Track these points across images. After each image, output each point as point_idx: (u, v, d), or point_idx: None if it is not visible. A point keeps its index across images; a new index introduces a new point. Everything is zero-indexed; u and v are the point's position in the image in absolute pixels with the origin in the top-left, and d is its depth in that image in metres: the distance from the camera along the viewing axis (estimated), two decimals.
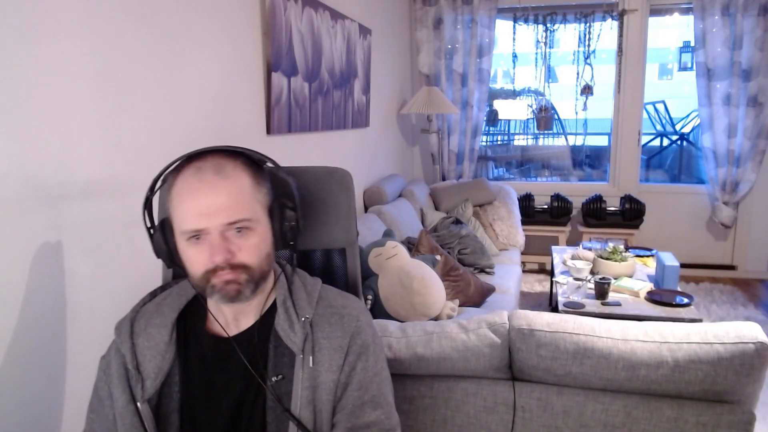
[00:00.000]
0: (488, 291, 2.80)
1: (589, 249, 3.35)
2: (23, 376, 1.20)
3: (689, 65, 10.18)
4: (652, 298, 2.68)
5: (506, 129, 6.14)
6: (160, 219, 1.00)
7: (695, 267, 4.54)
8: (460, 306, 2.58)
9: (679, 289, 2.81)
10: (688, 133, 6.10)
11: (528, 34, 4.53)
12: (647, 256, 3.45)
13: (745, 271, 4.51)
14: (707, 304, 3.91)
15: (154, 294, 1.09)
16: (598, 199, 4.42)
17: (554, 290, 3.68)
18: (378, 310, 2.25)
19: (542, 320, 1.43)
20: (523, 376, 1.46)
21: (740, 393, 1.31)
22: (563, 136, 5.83)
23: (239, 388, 0.99)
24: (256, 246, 0.96)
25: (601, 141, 5.62)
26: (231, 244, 0.93)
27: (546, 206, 4.50)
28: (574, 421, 1.40)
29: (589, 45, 4.43)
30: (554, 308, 3.43)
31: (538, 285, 4.33)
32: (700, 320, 2.45)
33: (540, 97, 5.05)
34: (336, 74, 2.96)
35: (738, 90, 4.12)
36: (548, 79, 4.74)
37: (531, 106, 5.13)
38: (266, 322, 1.02)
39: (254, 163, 1.01)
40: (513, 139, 6.14)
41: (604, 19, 4.37)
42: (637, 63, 4.45)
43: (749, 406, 1.33)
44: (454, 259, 2.82)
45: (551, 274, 3.69)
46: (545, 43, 4.53)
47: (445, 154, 4.73)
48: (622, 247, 3.14)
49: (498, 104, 5.71)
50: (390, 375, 1.08)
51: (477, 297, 2.72)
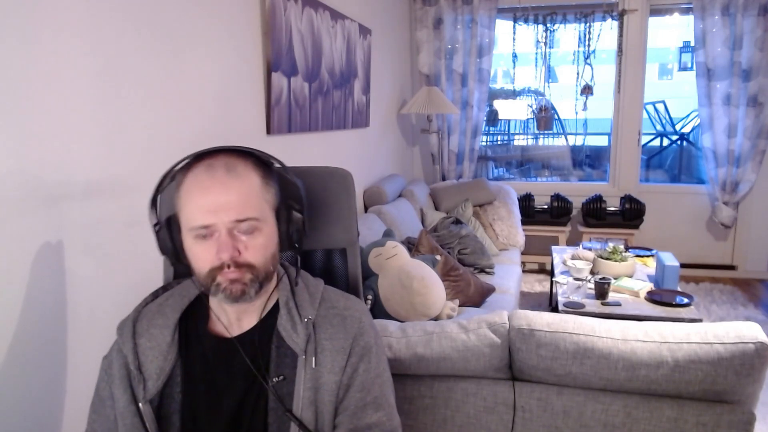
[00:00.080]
0: (488, 291, 2.80)
1: (589, 249, 3.34)
2: (23, 376, 1.20)
3: (689, 65, 10.18)
4: (652, 298, 2.68)
5: (506, 129, 6.14)
6: (165, 217, 1.00)
7: (695, 267, 4.54)
8: (460, 306, 2.58)
9: (679, 289, 2.81)
10: (688, 133, 6.10)
11: (528, 34, 4.53)
12: (647, 256, 3.45)
13: (745, 271, 4.51)
14: (707, 304, 3.91)
15: (156, 294, 1.09)
16: (598, 199, 4.42)
17: (554, 290, 3.68)
18: (378, 310, 2.25)
19: (542, 320, 1.43)
20: (523, 376, 1.46)
21: (740, 393, 1.31)
22: (563, 136, 5.83)
23: (241, 388, 0.99)
24: (263, 246, 0.96)
25: (601, 141, 5.62)
26: (238, 243, 0.93)
27: (546, 206, 4.50)
28: (574, 421, 1.40)
29: (589, 45, 4.43)
30: (554, 308, 3.43)
31: (538, 285, 4.33)
32: (700, 320, 2.45)
33: (540, 97, 5.05)
34: (336, 74, 2.96)
35: (738, 90, 4.12)
36: (548, 79, 4.74)
37: (531, 106, 5.13)
38: (269, 322, 1.02)
39: (263, 164, 1.01)
40: (513, 139, 6.13)
41: (604, 19, 4.37)
42: (637, 63, 4.45)
43: (749, 406, 1.33)
44: (454, 259, 2.82)
45: (551, 274, 3.69)
46: (545, 43, 4.53)
47: (445, 154, 4.73)
48: (622, 247, 3.14)
49: (498, 104, 5.71)
50: (391, 376, 1.08)
51: (477, 297, 2.72)
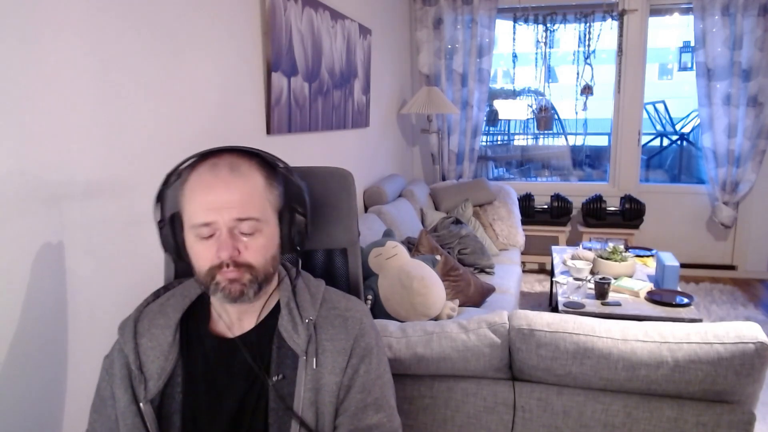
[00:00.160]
0: (488, 291, 2.80)
1: (589, 249, 3.34)
2: (23, 376, 1.20)
3: (689, 65, 10.18)
4: (652, 298, 2.68)
5: (506, 129, 6.14)
6: (169, 214, 1.00)
7: (695, 267, 4.54)
8: (460, 306, 2.58)
9: (679, 289, 2.81)
10: (688, 133, 6.10)
11: (528, 34, 4.53)
12: (647, 256, 3.45)
13: (745, 271, 4.51)
14: (707, 304, 3.91)
15: (157, 294, 1.09)
16: (598, 199, 4.42)
17: (554, 290, 3.68)
18: (378, 310, 2.25)
19: (542, 320, 1.43)
20: (523, 376, 1.46)
21: (740, 393, 1.31)
22: (563, 136, 5.83)
23: (242, 388, 0.99)
24: (263, 247, 0.96)
25: (601, 141, 5.62)
26: (238, 242, 0.94)
27: (546, 206, 4.50)
28: (574, 421, 1.40)
29: (589, 45, 4.43)
30: (554, 308, 3.43)
31: (538, 285, 4.33)
32: (700, 320, 2.45)
33: (540, 97, 5.05)
34: (336, 74, 2.96)
35: (738, 90, 4.12)
36: (548, 79, 4.74)
37: (531, 106, 5.13)
38: (270, 323, 1.02)
39: (268, 165, 1.01)
40: (513, 139, 6.14)
41: (604, 19, 4.37)
42: (637, 63, 4.45)
43: (749, 406, 1.33)
44: (454, 259, 2.82)
45: (551, 274, 3.69)
46: (545, 43, 4.53)
47: (445, 154, 4.73)
48: (622, 247, 3.14)
49: (498, 104, 5.71)
50: (392, 377, 1.08)
51: (477, 297, 2.72)
